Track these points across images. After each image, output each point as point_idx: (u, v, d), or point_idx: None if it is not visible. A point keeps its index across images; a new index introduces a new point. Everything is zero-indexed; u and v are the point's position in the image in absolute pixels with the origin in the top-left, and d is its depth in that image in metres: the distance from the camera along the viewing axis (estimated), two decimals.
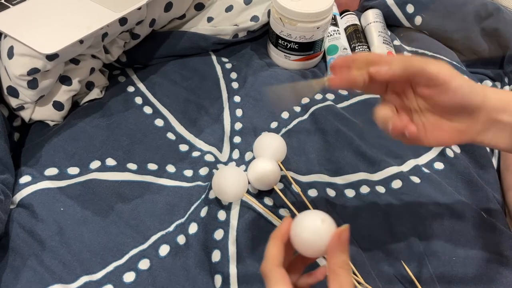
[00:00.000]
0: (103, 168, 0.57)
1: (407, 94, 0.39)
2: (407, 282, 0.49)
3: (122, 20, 0.61)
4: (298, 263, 0.37)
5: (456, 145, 0.62)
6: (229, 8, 0.73)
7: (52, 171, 0.55)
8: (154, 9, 0.66)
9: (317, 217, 0.34)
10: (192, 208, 0.54)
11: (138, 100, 0.66)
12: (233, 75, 0.71)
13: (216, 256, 0.49)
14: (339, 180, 0.58)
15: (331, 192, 0.56)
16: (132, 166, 0.58)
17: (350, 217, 0.54)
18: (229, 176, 0.51)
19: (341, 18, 0.81)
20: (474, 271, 0.49)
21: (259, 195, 0.56)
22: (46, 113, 0.61)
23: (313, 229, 0.33)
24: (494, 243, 0.52)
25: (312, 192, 0.56)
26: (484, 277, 0.49)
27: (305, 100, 0.67)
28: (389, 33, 0.79)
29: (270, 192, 0.56)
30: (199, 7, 0.73)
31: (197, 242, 0.51)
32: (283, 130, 0.63)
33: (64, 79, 0.61)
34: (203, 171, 0.58)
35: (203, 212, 0.53)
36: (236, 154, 0.60)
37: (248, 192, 0.54)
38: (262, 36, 0.78)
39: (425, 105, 0.38)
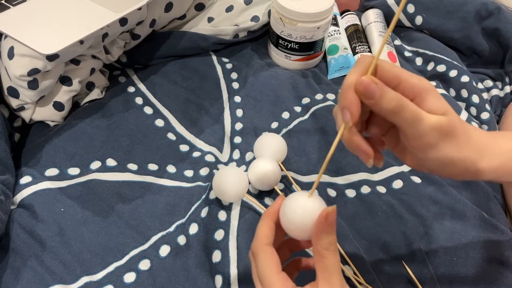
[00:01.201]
0: (104, 168, 0.57)
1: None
2: (408, 282, 0.49)
3: (122, 21, 0.61)
4: (285, 248, 0.37)
5: None
6: (229, 8, 0.73)
7: (52, 171, 0.55)
8: (155, 9, 0.66)
9: (305, 197, 0.33)
10: (193, 208, 0.54)
11: (139, 100, 0.66)
12: (234, 75, 0.71)
13: (216, 256, 0.49)
14: (340, 180, 0.58)
15: (332, 192, 0.56)
16: (132, 166, 0.58)
17: (350, 217, 0.54)
18: (229, 177, 0.51)
19: (342, 18, 0.81)
20: (475, 271, 0.49)
21: (260, 195, 0.56)
22: (47, 114, 0.61)
23: (300, 209, 0.32)
24: (495, 243, 0.51)
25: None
26: (485, 277, 0.49)
27: (306, 100, 0.67)
28: None
29: (271, 193, 0.56)
30: (200, 7, 0.73)
31: (197, 243, 0.51)
32: (284, 130, 0.63)
33: (65, 80, 0.61)
34: (204, 171, 0.58)
35: (204, 213, 0.53)
36: (236, 154, 0.60)
37: (248, 192, 0.54)
38: (263, 36, 0.78)
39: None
